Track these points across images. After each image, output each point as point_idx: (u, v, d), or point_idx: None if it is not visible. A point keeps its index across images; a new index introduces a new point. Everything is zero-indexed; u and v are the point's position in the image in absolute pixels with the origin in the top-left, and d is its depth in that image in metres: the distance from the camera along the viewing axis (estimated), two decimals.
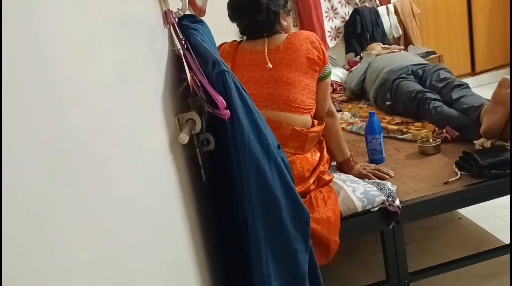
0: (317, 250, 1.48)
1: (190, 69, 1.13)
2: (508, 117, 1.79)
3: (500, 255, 1.85)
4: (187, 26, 1.15)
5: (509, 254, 1.88)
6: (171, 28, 1.16)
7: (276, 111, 1.59)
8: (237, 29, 1.70)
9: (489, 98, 1.93)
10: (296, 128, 1.58)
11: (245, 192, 1.06)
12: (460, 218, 2.36)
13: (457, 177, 1.72)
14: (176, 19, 1.16)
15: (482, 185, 1.68)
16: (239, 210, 1.12)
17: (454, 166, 1.79)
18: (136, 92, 0.83)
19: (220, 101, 1.00)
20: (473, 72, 4.43)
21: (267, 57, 1.60)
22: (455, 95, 2.15)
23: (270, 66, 1.59)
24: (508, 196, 1.76)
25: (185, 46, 1.13)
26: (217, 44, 1.71)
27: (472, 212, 2.33)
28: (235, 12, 1.66)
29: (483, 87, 4.24)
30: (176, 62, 1.19)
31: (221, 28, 1.71)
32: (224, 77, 1.03)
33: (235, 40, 1.72)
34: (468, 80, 4.27)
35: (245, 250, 1.13)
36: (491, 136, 1.83)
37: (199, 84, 1.10)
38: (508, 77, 1.83)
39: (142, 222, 0.76)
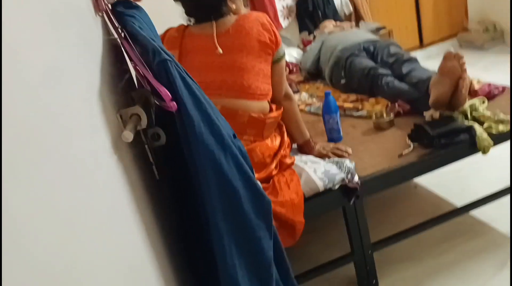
0: (283, 232, 1.43)
1: (131, 59, 1.02)
2: (454, 88, 1.77)
3: (453, 217, 1.87)
4: (122, 12, 1.03)
5: (460, 216, 1.90)
6: (105, 15, 1.04)
7: (231, 98, 1.49)
8: (183, 11, 1.57)
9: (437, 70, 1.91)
10: (253, 114, 1.49)
11: (203, 186, 0.98)
12: (415, 187, 2.37)
13: (410, 149, 1.71)
14: (109, 5, 1.04)
15: (433, 154, 1.68)
16: (198, 204, 1.04)
17: (407, 138, 1.77)
18: (68, 90, 0.72)
19: (164, 92, 0.91)
20: (421, 45, 4.45)
21: (216, 42, 1.49)
22: (404, 69, 2.12)
23: (221, 51, 1.48)
24: (457, 161, 1.75)
25: (122, 35, 1.02)
26: (163, 29, 1.59)
27: (426, 180, 2.34)
28: None
29: (431, 59, 4.27)
30: (114, 53, 1.07)
31: (166, 10, 1.57)
32: (166, 67, 0.93)
33: (182, 24, 1.59)
34: (417, 53, 4.29)
35: (208, 243, 1.06)
36: (439, 107, 1.81)
37: (143, 75, 1.00)
38: (452, 49, 1.81)
39: (88, 234, 0.67)
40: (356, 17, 3.93)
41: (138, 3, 1.15)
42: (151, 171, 1.07)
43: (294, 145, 1.80)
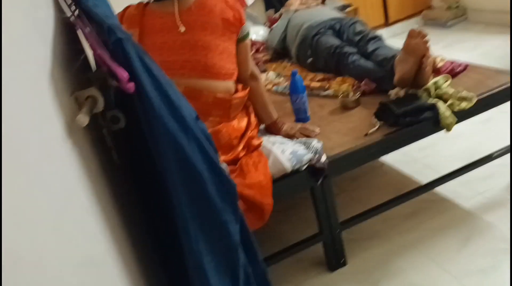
0: (252, 215, 1.41)
1: (87, 38, 0.96)
2: (418, 65, 1.77)
3: (418, 195, 1.89)
4: None
5: (425, 193, 1.93)
6: None
7: (194, 78, 1.44)
8: None
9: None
10: (218, 95, 1.45)
11: (166, 171, 0.94)
12: (382, 165, 2.39)
13: (376, 127, 1.71)
14: None
15: (399, 132, 1.69)
16: (162, 189, 1.00)
17: (373, 117, 1.77)
18: (15, 73, 0.66)
19: (120, 73, 0.85)
20: (387, 23, 4.47)
21: (178, 20, 1.43)
22: (370, 47, 2.12)
23: (183, 29, 1.42)
24: (423, 139, 1.77)
25: (76, 13, 0.95)
26: (122, 8, 1.52)
27: (392, 158, 2.37)
28: None
29: (396, 37, 4.31)
30: (68, 32, 1.01)
31: None
32: (122, 46, 0.87)
33: (141, 2, 1.51)
34: (383, 31, 4.30)
35: (174, 230, 1.02)
36: (404, 85, 1.82)
37: (99, 55, 0.94)
38: (416, 27, 1.81)
39: (42, 226, 0.62)
40: None
41: None
42: (111, 156, 1.02)
43: (262, 126, 1.77)
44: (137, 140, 1.02)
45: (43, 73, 0.77)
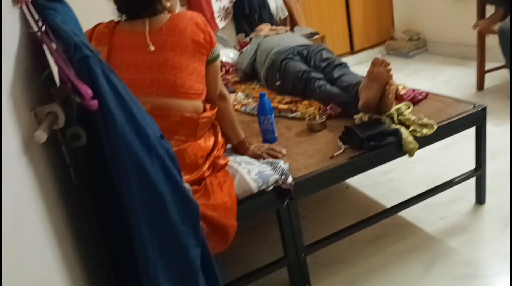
0: (215, 237, 1.38)
1: (52, 54, 0.93)
2: (382, 92, 1.82)
3: (382, 218, 1.91)
4: (43, 5, 0.94)
5: (390, 217, 1.96)
6: (24, 8, 0.95)
7: (162, 97, 1.42)
8: (115, 7, 1.49)
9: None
10: (185, 114, 1.44)
11: (125, 191, 0.90)
12: (347, 188, 2.42)
13: (341, 150, 1.73)
14: None
15: (363, 156, 1.71)
16: (121, 210, 0.96)
17: (338, 140, 1.79)
18: None
19: (84, 89, 0.83)
20: (352, 51, 4.61)
21: (148, 39, 1.42)
22: (336, 73, 2.17)
23: (152, 48, 1.41)
24: (387, 163, 1.81)
25: (43, 28, 0.93)
26: (91, 25, 1.50)
27: (357, 181, 2.40)
28: None
29: (361, 65, 4.44)
30: (34, 47, 0.98)
31: (96, 6, 1.48)
32: (88, 63, 0.85)
33: (112, 20, 1.50)
34: (348, 59, 4.44)
35: (133, 253, 0.98)
36: (368, 111, 1.86)
37: (64, 72, 0.91)
38: (380, 56, 1.86)
39: None
40: (291, 22, 3.99)
41: None
42: (69, 174, 0.98)
43: (229, 146, 1.76)
44: (98, 158, 0.99)
45: (3, 86, 0.73)
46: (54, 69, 1.06)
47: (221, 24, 3.73)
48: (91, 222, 1.09)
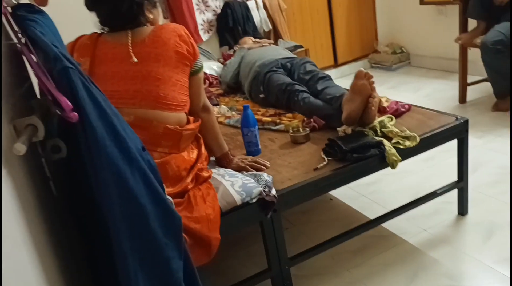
0: (198, 249, 1.38)
1: (32, 66, 0.93)
2: (365, 105, 1.85)
3: (366, 230, 1.92)
4: (23, 17, 0.94)
5: (373, 228, 1.97)
6: (4, 19, 0.94)
7: (145, 108, 1.42)
8: (97, 19, 1.50)
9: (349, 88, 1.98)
10: (168, 126, 1.43)
11: (106, 203, 0.90)
12: (331, 199, 2.43)
13: (325, 162, 1.74)
14: (9, 8, 0.94)
15: (346, 168, 1.72)
16: (102, 223, 0.96)
17: (322, 152, 1.81)
18: None
19: (64, 102, 0.83)
20: (336, 64, 4.67)
21: (131, 51, 1.43)
22: (319, 86, 2.19)
23: (135, 60, 1.42)
24: (370, 175, 1.82)
25: (23, 40, 0.92)
26: (73, 37, 1.50)
27: (341, 193, 2.42)
28: (93, 1, 1.46)
29: (344, 78, 4.50)
30: (14, 58, 0.97)
31: (79, 18, 1.48)
32: (68, 75, 0.85)
33: (95, 32, 1.51)
34: (332, 72, 4.50)
35: (114, 266, 0.97)
36: (351, 123, 1.89)
37: (44, 83, 0.91)
38: (363, 69, 1.89)
39: None
40: (275, 35, 4.03)
41: (43, 7, 1.06)
42: (49, 186, 0.97)
43: (212, 158, 1.76)
44: (78, 171, 0.98)
45: None
46: (34, 81, 1.05)
47: (204, 36, 3.76)
48: (71, 235, 1.08)
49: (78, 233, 1.09)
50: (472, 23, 3.30)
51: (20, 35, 0.94)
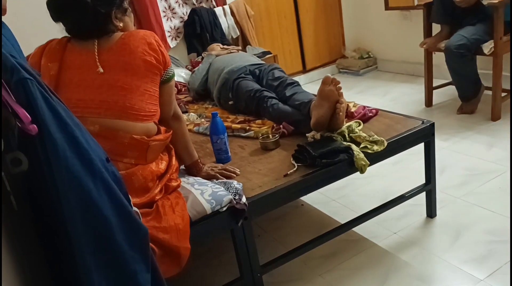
0: (167, 260, 1.37)
1: None
2: (332, 110, 1.88)
3: (337, 235, 1.95)
4: None
5: (344, 233, 2.00)
6: None
7: (111, 118, 1.39)
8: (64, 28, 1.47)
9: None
10: (135, 136, 1.41)
11: (68, 217, 0.88)
12: (302, 205, 2.45)
13: (295, 168, 1.76)
14: None
15: (316, 173, 1.74)
16: (64, 238, 0.93)
17: (292, 158, 1.83)
18: None
19: (23, 114, 0.81)
20: (304, 70, 4.73)
21: (97, 60, 1.41)
22: (288, 92, 2.22)
23: (101, 70, 1.40)
24: (340, 180, 1.85)
25: None
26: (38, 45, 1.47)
27: (312, 198, 2.44)
28: (56, 12, 1.43)
29: (313, 83, 4.56)
30: None
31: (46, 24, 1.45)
32: (26, 86, 0.84)
33: (65, 37, 1.48)
34: (301, 77, 4.56)
35: (79, 280, 0.95)
36: (320, 128, 1.91)
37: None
38: (330, 75, 1.92)
39: None
40: (243, 41, 4.05)
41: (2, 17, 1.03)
42: (10, 201, 0.95)
43: (182, 167, 1.75)
44: (40, 185, 0.96)
45: None
46: None
47: (172, 43, 3.75)
48: (34, 251, 1.05)
49: (41, 248, 1.06)
50: (436, 28, 3.40)
51: None
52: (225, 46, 3.33)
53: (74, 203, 0.87)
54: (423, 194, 2.14)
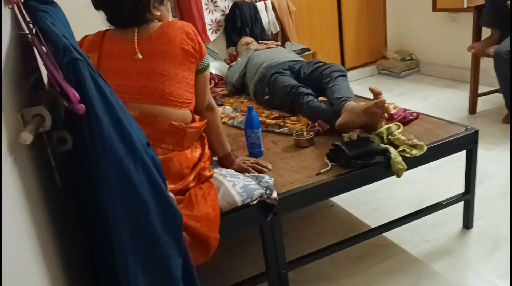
0: (197, 248, 1.41)
1: (42, 57, 0.97)
2: (364, 124, 1.91)
3: (366, 238, 1.94)
4: (35, 7, 0.98)
5: (374, 237, 2.00)
6: (16, 8, 0.98)
7: (150, 104, 1.46)
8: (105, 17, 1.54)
9: (357, 93, 2.01)
10: (173, 123, 1.47)
11: (107, 198, 0.93)
12: (332, 206, 2.46)
13: (328, 168, 1.77)
14: None
15: (350, 174, 1.74)
16: (103, 217, 0.98)
17: (325, 157, 1.84)
18: None
19: (72, 93, 0.86)
20: None
21: (137, 47, 1.47)
22: (332, 81, 2.21)
23: (140, 56, 1.46)
24: (373, 183, 1.85)
25: (34, 30, 0.96)
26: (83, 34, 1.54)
27: (343, 199, 2.44)
28: (97, 1, 1.51)
29: (351, 83, 4.52)
30: (24, 49, 1.01)
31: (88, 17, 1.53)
32: (76, 66, 0.89)
33: (100, 31, 1.55)
34: None
35: (113, 260, 1.00)
36: (342, 131, 1.94)
37: (52, 74, 0.94)
38: (385, 99, 1.88)
39: None
40: (283, 37, 4.07)
41: None
42: (54, 177, 1.01)
43: (215, 158, 1.79)
44: (83, 163, 1.01)
45: None
46: (43, 72, 1.09)
47: (212, 36, 3.81)
48: (73, 227, 1.11)
49: (80, 225, 1.12)
50: (486, 32, 3.31)
51: (31, 26, 0.97)
52: (263, 41, 3.35)
53: (114, 184, 0.92)
54: (460, 203, 2.10)
